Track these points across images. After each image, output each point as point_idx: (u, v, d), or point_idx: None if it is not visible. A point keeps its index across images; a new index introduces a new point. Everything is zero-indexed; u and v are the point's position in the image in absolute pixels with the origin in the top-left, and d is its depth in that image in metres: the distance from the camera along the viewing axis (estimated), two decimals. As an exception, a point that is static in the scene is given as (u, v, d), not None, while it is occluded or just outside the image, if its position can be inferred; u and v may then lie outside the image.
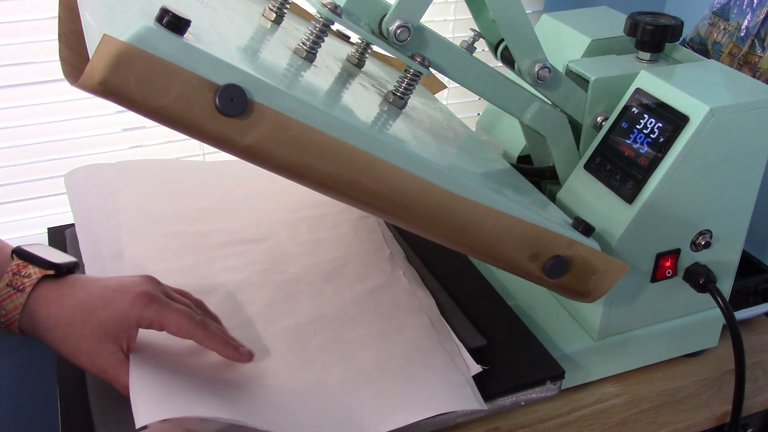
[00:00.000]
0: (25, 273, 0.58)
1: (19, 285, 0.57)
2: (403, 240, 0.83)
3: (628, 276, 0.65)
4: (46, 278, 0.58)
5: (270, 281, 0.74)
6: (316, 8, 0.57)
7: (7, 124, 0.96)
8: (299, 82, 0.54)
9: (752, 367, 0.78)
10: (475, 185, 0.56)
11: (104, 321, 0.56)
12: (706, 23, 0.93)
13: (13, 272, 0.58)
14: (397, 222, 0.55)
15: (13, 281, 0.57)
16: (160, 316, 0.57)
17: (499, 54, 0.72)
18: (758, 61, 0.87)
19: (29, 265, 0.58)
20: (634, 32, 0.72)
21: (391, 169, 0.52)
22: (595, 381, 0.75)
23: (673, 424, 0.71)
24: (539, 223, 0.59)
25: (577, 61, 0.74)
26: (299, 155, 0.49)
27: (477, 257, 0.59)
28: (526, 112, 0.71)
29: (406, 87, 0.64)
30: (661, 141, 0.64)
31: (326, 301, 0.72)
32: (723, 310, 0.68)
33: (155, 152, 1.04)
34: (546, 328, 0.74)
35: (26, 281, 0.57)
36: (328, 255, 0.79)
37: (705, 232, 0.69)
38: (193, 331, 0.59)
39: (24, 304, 0.57)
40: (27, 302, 0.57)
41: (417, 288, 0.75)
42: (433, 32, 0.64)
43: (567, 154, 0.74)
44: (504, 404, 0.66)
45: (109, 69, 0.42)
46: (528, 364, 0.68)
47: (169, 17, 0.43)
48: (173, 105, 0.45)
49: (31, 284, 0.57)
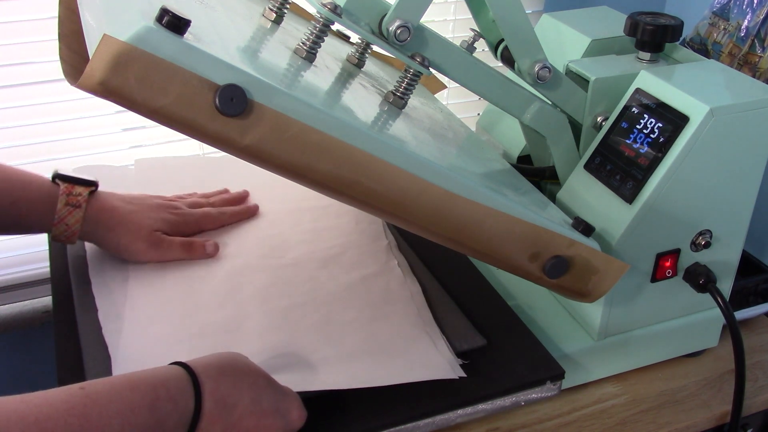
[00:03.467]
0: (76, 192, 0.72)
1: (76, 203, 0.71)
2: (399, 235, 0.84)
3: (628, 276, 0.65)
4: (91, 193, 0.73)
5: (268, 265, 0.77)
6: (316, 8, 0.57)
7: (7, 124, 0.96)
8: (299, 82, 0.54)
9: (752, 367, 0.78)
10: (474, 185, 0.56)
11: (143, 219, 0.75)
12: (706, 23, 0.93)
13: (67, 193, 0.71)
14: (397, 222, 0.55)
15: (70, 200, 0.71)
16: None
17: (499, 54, 0.72)
18: (758, 61, 0.87)
19: (75, 186, 0.72)
20: (634, 32, 0.72)
21: (390, 169, 0.52)
22: (595, 381, 0.75)
23: (673, 424, 0.71)
24: (539, 223, 0.59)
25: (577, 61, 0.74)
26: (299, 155, 0.49)
27: (477, 257, 0.59)
28: (526, 112, 0.71)
29: (406, 87, 0.64)
30: (661, 141, 0.64)
31: (319, 285, 0.74)
32: (723, 310, 0.67)
33: (155, 152, 1.04)
34: (546, 328, 0.74)
35: (80, 198, 0.72)
36: (326, 243, 0.81)
37: (705, 232, 0.69)
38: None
39: (83, 216, 0.71)
40: (85, 214, 0.72)
41: (408, 278, 0.76)
42: (433, 32, 0.64)
43: (567, 154, 0.74)
44: (504, 404, 0.66)
45: (109, 69, 0.42)
46: (528, 364, 0.67)
47: (169, 17, 0.43)
48: (173, 105, 0.45)
49: (84, 200, 0.72)
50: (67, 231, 0.71)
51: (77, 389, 0.48)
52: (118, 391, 0.50)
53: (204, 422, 0.53)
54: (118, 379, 0.51)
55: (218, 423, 0.53)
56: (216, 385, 0.54)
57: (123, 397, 0.49)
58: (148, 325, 0.68)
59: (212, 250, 0.77)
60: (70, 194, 0.71)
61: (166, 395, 0.51)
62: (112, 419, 0.48)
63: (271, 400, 0.56)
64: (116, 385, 0.50)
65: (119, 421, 0.48)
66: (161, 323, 0.68)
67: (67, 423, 0.46)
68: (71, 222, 0.71)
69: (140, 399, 0.50)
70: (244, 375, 0.56)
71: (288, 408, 0.58)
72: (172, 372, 0.53)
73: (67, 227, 0.71)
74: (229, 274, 0.75)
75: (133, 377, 0.52)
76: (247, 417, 0.55)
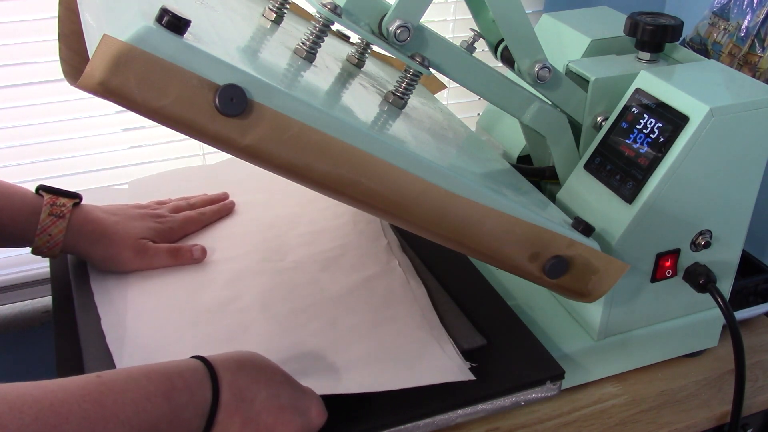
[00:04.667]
0: (59, 203, 0.71)
1: (59, 213, 0.71)
2: (399, 235, 0.84)
3: (628, 276, 0.65)
4: (75, 205, 0.72)
5: (268, 269, 0.76)
6: (316, 8, 0.57)
7: (7, 124, 0.96)
8: (299, 82, 0.54)
9: (752, 367, 0.78)
10: (475, 185, 0.56)
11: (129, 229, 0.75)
12: (706, 23, 0.93)
13: (50, 204, 0.71)
14: (397, 222, 0.55)
15: (53, 211, 0.71)
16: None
17: (499, 54, 0.72)
18: (758, 61, 0.87)
19: (59, 197, 0.72)
20: (634, 32, 0.72)
21: (391, 169, 0.52)
22: (595, 381, 0.75)
23: (673, 424, 0.71)
24: (539, 223, 0.59)
25: (577, 61, 0.74)
26: (299, 155, 0.49)
27: (477, 257, 0.59)
28: (526, 112, 0.71)
29: (406, 87, 0.64)
30: (661, 141, 0.64)
31: (321, 289, 0.74)
32: (723, 310, 0.67)
33: (155, 152, 1.04)
34: (546, 328, 0.74)
35: (63, 209, 0.71)
36: (326, 245, 0.81)
37: (705, 232, 0.69)
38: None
39: (66, 227, 0.71)
40: (69, 225, 0.71)
41: (411, 279, 0.76)
42: (433, 32, 0.64)
43: (567, 154, 0.74)
44: (504, 404, 0.66)
45: (109, 69, 0.42)
46: (528, 364, 0.67)
47: (169, 17, 0.43)
48: (173, 105, 0.45)
49: (68, 211, 0.71)
50: (50, 242, 0.71)
51: (94, 377, 0.49)
52: (135, 379, 0.50)
53: (222, 414, 0.52)
54: (135, 369, 0.52)
55: (237, 416, 0.53)
56: (234, 378, 0.54)
57: (139, 385, 0.49)
58: (152, 332, 0.67)
59: (199, 255, 0.77)
60: (53, 205, 0.71)
61: (182, 385, 0.51)
62: (127, 406, 0.48)
63: (289, 396, 0.56)
64: (133, 374, 0.50)
65: (134, 408, 0.48)
66: (165, 330, 0.67)
67: (82, 408, 0.46)
68: (54, 232, 0.71)
69: (155, 388, 0.50)
70: (262, 370, 0.56)
71: (307, 406, 0.57)
72: (189, 363, 0.54)
73: (50, 237, 0.71)
74: (230, 279, 0.74)
75: (150, 367, 0.52)
76: (265, 412, 0.54)
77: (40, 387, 0.46)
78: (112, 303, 0.70)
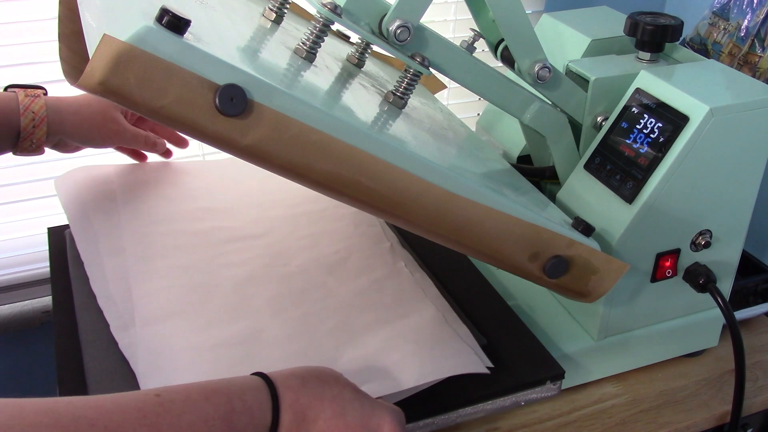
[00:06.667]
0: (31, 90, 0.76)
1: (35, 94, 0.75)
2: (399, 235, 0.84)
3: (628, 276, 0.65)
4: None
5: (274, 274, 0.75)
6: (316, 8, 0.57)
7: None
8: (299, 82, 0.54)
9: (752, 367, 0.78)
10: (475, 185, 0.56)
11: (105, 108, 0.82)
12: (706, 23, 0.93)
13: (23, 89, 0.75)
14: (397, 222, 0.55)
15: (28, 93, 0.75)
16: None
17: (499, 54, 0.72)
18: (758, 61, 0.87)
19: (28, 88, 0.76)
20: (634, 32, 0.72)
21: (391, 169, 0.52)
22: (595, 381, 0.75)
23: (673, 424, 0.71)
24: (539, 223, 0.59)
25: (577, 61, 0.74)
26: (299, 155, 0.49)
27: (477, 257, 0.59)
28: (526, 112, 0.71)
29: (406, 87, 0.64)
30: (661, 141, 0.64)
31: (331, 292, 0.73)
32: (723, 310, 0.67)
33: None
34: (546, 328, 0.74)
35: (38, 91, 0.76)
36: (328, 248, 0.80)
37: (705, 232, 0.69)
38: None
39: (45, 103, 0.75)
40: (47, 101, 0.76)
41: (420, 278, 0.76)
42: (433, 32, 0.64)
43: (567, 154, 0.74)
44: (504, 404, 0.66)
45: (109, 69, 0.42)
46: (528, 364, 0.67)
47: (169, 17, 0.43)
48: (173, 105, 0.45)
49: (42, 92, 0.76)
50: (34, 118, 0.75)
51: (153, 396, 0.46)
52: (194, 400, 0.47)
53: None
54: (194, 388, 0.49)
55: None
56: (296, 396, 0.51)
57: (198, 407, 0.47)
58: (165, 339, 0.65)
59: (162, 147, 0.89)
60: (26, 88, 0.76)
61: (242, 407, 0.49)
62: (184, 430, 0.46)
63: (356, 414, 0.53)
64: (192, 394, 0.48)
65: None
66: (178, 337, 0.66)
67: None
68: (36, 108, 0.75)
69: (215, 410, 0.48)
70: (328, 387, 0.53)
71: (378, 424, 0.53)
72: (251, 382, 0.51)
73: (33, 114, 0.75)
74: (237, 285, 0.73)
75: (209, 387, 0.49)
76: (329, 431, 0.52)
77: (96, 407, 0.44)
78: (117, 308, 0.69)
